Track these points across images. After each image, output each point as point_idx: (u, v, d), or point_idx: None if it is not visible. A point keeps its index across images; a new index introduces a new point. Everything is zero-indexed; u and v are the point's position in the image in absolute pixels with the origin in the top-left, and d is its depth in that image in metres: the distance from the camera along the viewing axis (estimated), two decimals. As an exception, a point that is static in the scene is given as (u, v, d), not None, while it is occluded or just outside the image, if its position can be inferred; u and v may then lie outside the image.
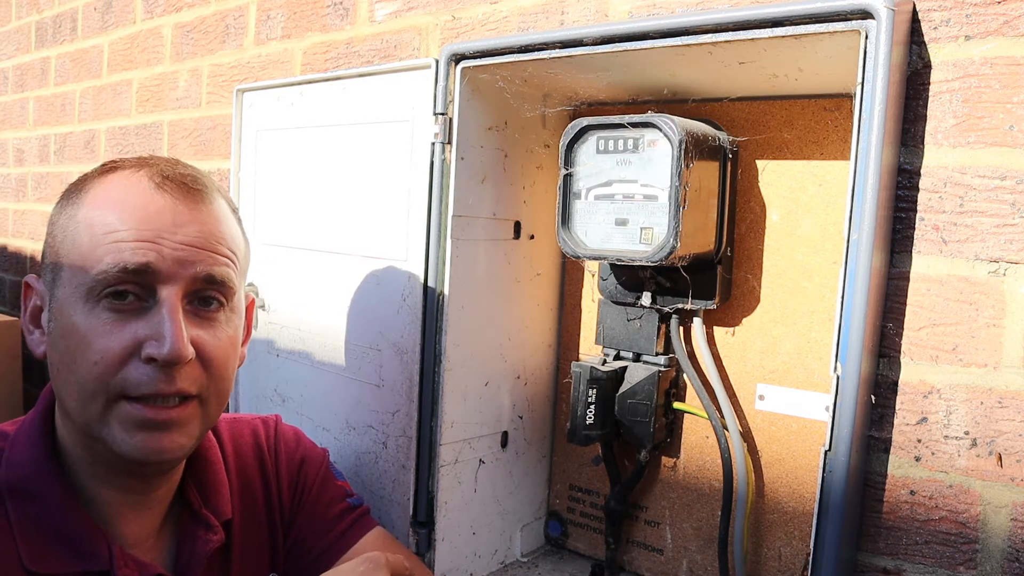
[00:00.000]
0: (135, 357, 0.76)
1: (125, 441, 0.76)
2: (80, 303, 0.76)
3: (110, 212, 0.78)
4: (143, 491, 0.84)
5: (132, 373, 0.75)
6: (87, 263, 0.76)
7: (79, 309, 0.76)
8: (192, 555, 0.86)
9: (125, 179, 0.80)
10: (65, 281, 0.78)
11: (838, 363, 0.80)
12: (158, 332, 0.75)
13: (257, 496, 0.96)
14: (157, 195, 0.79)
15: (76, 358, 0.76)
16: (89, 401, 0.76)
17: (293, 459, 1.01)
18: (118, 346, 0.75)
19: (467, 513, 1.16)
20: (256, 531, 0.95)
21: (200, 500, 0.89)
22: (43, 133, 2.55)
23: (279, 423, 1.04)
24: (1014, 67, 0.81)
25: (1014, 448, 0.82)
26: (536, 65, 1.00)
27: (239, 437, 0.98)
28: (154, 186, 0.79)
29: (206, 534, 0.87)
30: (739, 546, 1.01)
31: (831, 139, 0.97)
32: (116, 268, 0.75)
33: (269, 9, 1.65)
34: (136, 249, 0.76)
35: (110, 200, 0.79)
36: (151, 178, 0.80)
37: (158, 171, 0.81)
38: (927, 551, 0.87)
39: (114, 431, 0.76)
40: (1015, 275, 0.81)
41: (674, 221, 0.93)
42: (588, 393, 1.04)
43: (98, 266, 0.76)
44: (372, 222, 1.18)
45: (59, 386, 0.80)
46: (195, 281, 0.79)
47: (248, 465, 0.97)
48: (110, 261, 0.75)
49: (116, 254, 0.76)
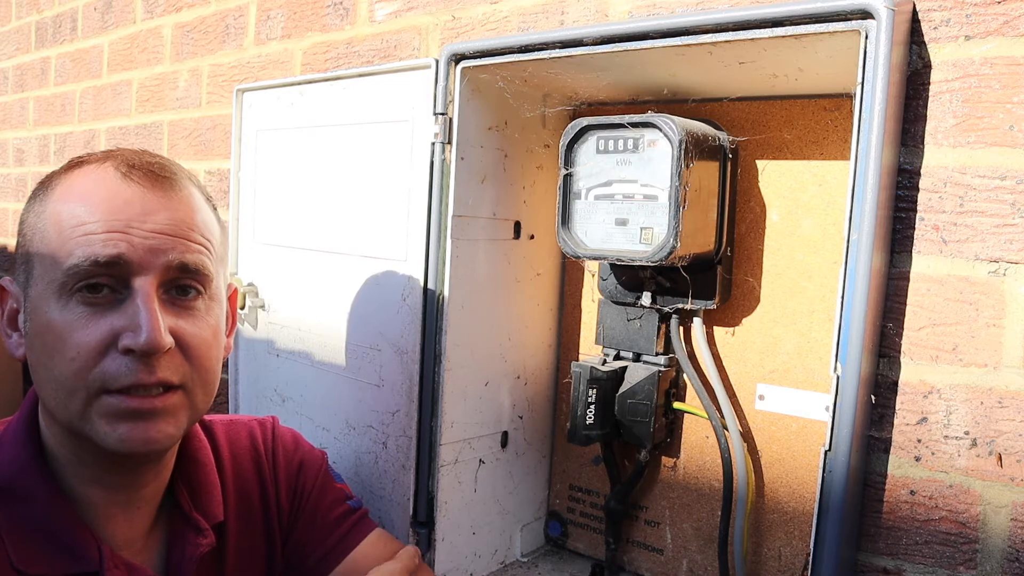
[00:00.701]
0: (112, 349, 0.74)
1: (109, 434, 0.74)
2: (53, 299, 0.75)
3: (78, 205, 0.77)
4: (131, 490, 0.82)
5: (110, 365, 0.74)
6: (57, 258, 0.75)
7: (53, 305, 0.75)
8: (182, 558, 0.85)
9: (91, 172, 0.79)
10: (37, 279, 0.77)
11: (838, 363, 0.79)
12: (134, 322, 0.74)
13: (254, 499, 0.95)
14: (124, 185, 0.77)
15: (53, 355, 0.75)
16: (69, 398, 0.75)
17: (292, 462, 0.99)
18: (94, 339, 0.74)
19: (467, 513, 1.16)
20: (252, 535, 0.93)
21: (190, 502, 0.87)
22: (43, 133, 2.55)
23: (276, 425, 1.02)
24: (1014, 67, 0.81)
25: (1014, 448, 0.82)
26: (536, 65, 1.00)
27: (236, 440, 0.97)
28: (120, 176, 0.78)
29: (196, 537, 0.86)
30: (739, 546, 1.01)
31: (831, 139, 0.97)
32: (87, 261, 0.74)
33: (269, 9, 1.65)
34: (107, 241, 0.75)
35: (77, 193, 0.78)
36: (117, 168, 0.79)
37: (123, 161, 0.79)
38: (927, 551, 0.87)
39: (97, 425, 0.74)
40: (1015, 275, 0.81)
41: (674, 221, 0.93)
42: (588, 393, 1.04)
43: (69, 260, 0.74)
44: (372, 222, 1.18)
45: (39, 385, 0.79)
46: (169, 270, 0.77)
47: (245, 468, 0.96)
48: (81, 254, 0.74)
49: (86, 247, 0.74)
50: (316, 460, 1.02)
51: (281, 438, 1.01)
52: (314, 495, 0.99)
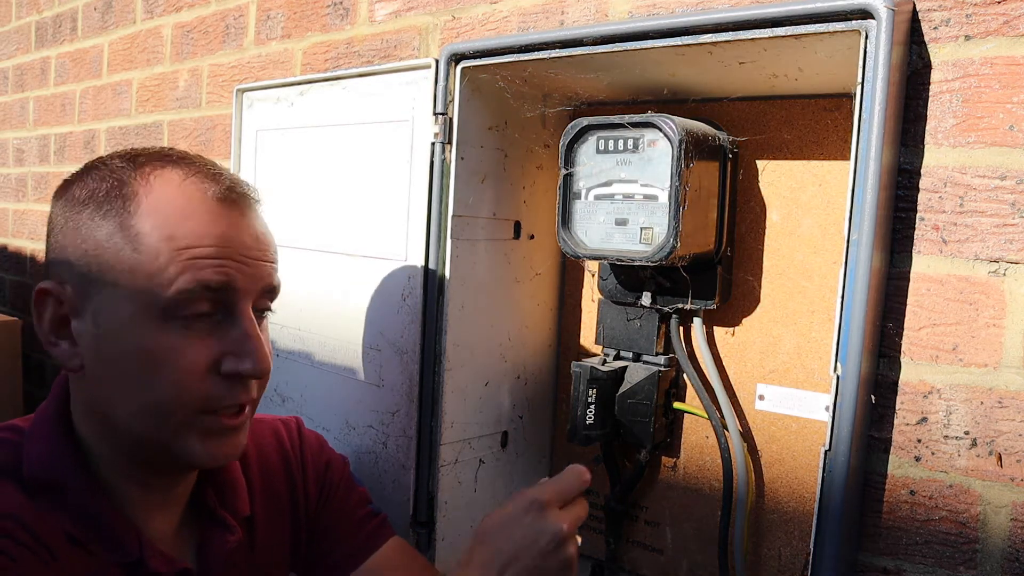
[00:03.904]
0: (213, 373, 0.76)
1: (201, 450, 0.77)
2: (149, 321, 0.74)
3: (178, 225, 0.74)
4: (167, 489, 0.84)
5: (214, 389, 0.76)
6: (156, 280, 0.73)
7: (149, 327, 0.74)
8: (213, 554, 0.87)
9: (180, 186, 0.76)
10: (116, 297, 0.74)
11: (838, 363, 0.80)
12: (241, 348, 0.76)
13: (281, 492, 0.97)
14: (223, 207, 0.77)
15: (148, 377, 0.74)
16: (166, 418, 0.75)
17: (319, 460, 1.02)
18: (201, 363, 0.75)
19: (467, 513, 1.16)
20: (279, 526, 0.96)
21: (217, 500, 0.89)
22: (43, 133, 2.55)
23: (301, 426, 1.04)
24: (1014, 67, 0.81)
25: (1014, 448, 0.82)
26: (536, 65, 1.00)
27: (261, 437, 0.99)
28: (215, 194, 0.77)
29: (224, 534, 0.88)
30: (739, 546, 1.01)
31: (831, 139, 0.97)
32: (198, 287, 0.73)
33: (269, 9, 1.65)
34: (218, 267, 0.74)
35: (172, 211, 0.75)
36: (204, 181, 0.77)
37: (208, 175, 0.78)
38: (927, 551, 0.87)
39: (191, 442, 0.77)
40: (1015, 275, 0.81)
41: (674, 221, 0.93)
42: (588, 393, 1.04)
43: (175, 284, 0.73)
44: (372, 222, 1.18)
45: (114, 402, 0.77)
46: (262, 293, 0.79)
47: (271, 463, 0.98)
48: (190, 279, 0.73)
49: (195, 271, 0.73)
50: (340, 461, 1.05)
51: (307, 438, 1.03)
52: (340, 492, 1.02)
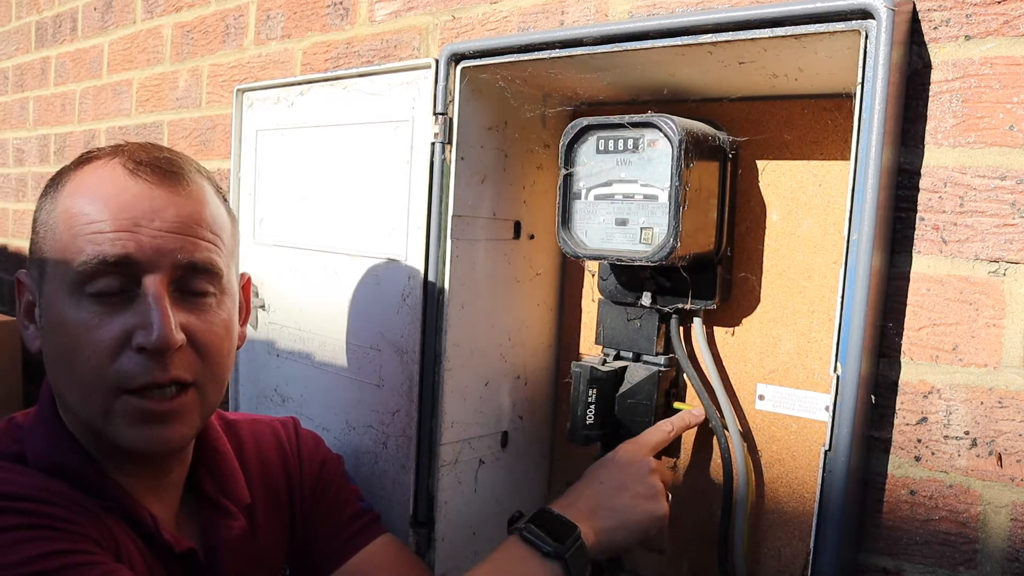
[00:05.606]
0: (127, 348, 0.75)
1: (128, 435, 0.76)
2: (67, 297, 0.76)
3: (87, 202, 0.77)
4: (156, 476, 0.85)
5: (126, 364, 0.75)
6: (68, 256, 0.76)
7: (67, 303, 0.76)
8: (218, 541, 0.88)
9: (100, 168, 0.80)
10: (50, 275, 0.78)
11: (838, 363, 0.79)
12: (145, 321, 0.75)
13: (278, 485, 0.98)
14: (132, 181, 0.78)
15: (69, 353, 0.76)
16: (89, 396, 0.76)
17: (315, 458, 1.04)
18: (108, 338, 0.75)
19: (467, 513, 1.16)
20: (277, 517, 0.97)
21: (217, 489, 0.90)
22: (43, 133, 2.55)
23: (298, 425, 1.06)
24: (1014, 67, 0.81)
25: (1014, 448, 0.82)
26: (536, 65, 1.00)
27: (260, 435, 1.01)
28: (128, 172, 0.78)
29: (228, 521, 0.89)
30: (739, 546, 1.01)
31: (831, 139, 0.97)
32: (96, 260, 0.75)
33: (269, 9, 1.65)
34: (115, 240, 0.75)
35: (86, 190, 0.78)
36: (124, 164, 0.79)
37: (131, 157, 0.80)
38: (927, 551, 0.87)
39: (117, 426, 0.76)
40: (1015, 275, 0.81)
41: (674, 221, 0.93)
42: (588, 393, 1.04)
43: (79, 258, 0.75)
44: (372, 222, 1.18)
45: (57, 382, 0.80)
46: (178, 268, 0.78)
47: (269, 458, 0.99)
48: (90, 252, 0.75)
49: (95, 245, 0.75)
50: (335, 460, 1.07)
51: (304, 437, 1.05)
52: (334, 489, 1.03)
